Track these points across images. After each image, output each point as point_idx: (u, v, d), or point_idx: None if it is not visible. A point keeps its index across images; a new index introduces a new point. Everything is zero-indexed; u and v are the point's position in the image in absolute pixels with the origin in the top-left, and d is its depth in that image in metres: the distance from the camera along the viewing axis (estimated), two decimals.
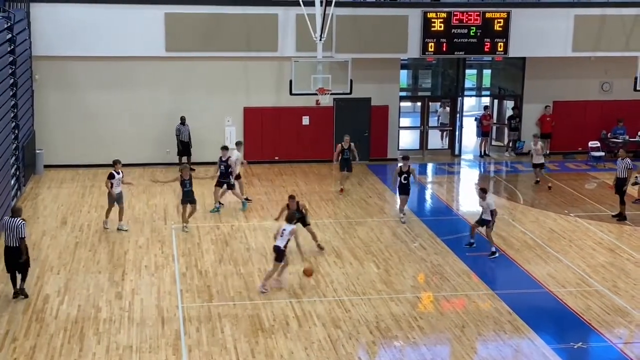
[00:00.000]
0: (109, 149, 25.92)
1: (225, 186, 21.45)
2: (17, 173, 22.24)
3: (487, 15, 26.24)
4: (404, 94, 29.50)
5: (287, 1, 25.60)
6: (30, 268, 16.02)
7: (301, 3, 23.69)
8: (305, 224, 18.31)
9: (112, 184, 19.53)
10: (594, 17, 27.21)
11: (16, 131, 22.45)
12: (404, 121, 29.85)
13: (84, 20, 24.97)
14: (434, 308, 15.65)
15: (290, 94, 23.56)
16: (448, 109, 29.68)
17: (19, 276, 15.69)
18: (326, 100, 23.50)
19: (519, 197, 23.50)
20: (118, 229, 19.61)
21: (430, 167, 27.54)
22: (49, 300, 15.59)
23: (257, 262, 17.81)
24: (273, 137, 27.03)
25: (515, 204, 22.94)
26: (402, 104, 28.78)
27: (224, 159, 21.24)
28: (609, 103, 28.97)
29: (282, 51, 26.05)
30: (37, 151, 25.17)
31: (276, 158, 27.02)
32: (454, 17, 26.11)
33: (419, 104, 30.46)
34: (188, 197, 19.77)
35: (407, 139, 29.60)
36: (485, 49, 26.58)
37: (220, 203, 21.59)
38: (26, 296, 15.64)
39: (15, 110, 22.42)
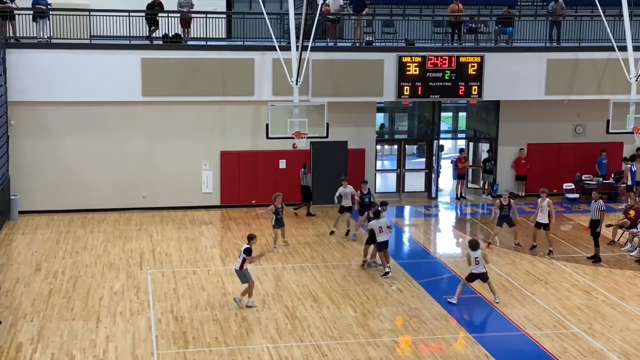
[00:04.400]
0: (84, 195, 25.86)
1: (365, 215, 22.65)
2: None
3: (461, 59, 26.60)
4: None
5: (263, 46, 25.82)
6: (2, 314, 15.94)
7: (277, 48, 23.89)
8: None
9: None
10: (566, 61, 27.65)
11: None
12: (381, 164, 29.97)
13: (60, 66, 24.95)
14: (412, 352, 15.59)
15: (267, 137, 23.62)
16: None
17: None
18: (303, 144, 23.58)
19: (494, 240, 23.56)
20: (247, 306, 17.70)
21: (407, 209, 27.60)
22: (22, 348, 15.36)
23: (234, 307, 17.69)
24: (250, 181, 27.03)
25: (491, 246, 22.99)
26: (379, 146, 28.92)
27: (364, 192, 23.48)
28: (583, 145, 29.32)
29: (259, 95, 26.17)
30: (12, 197, 24.97)
31: (253, 202, 26.96)
32: (429, 61, 26.43)
33: (395, 146, 30.64)
34: (279, 223, 22.27)
35: (384, 182, 29.69)
36: (460, 93, 26.90)
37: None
38: None
39: None
